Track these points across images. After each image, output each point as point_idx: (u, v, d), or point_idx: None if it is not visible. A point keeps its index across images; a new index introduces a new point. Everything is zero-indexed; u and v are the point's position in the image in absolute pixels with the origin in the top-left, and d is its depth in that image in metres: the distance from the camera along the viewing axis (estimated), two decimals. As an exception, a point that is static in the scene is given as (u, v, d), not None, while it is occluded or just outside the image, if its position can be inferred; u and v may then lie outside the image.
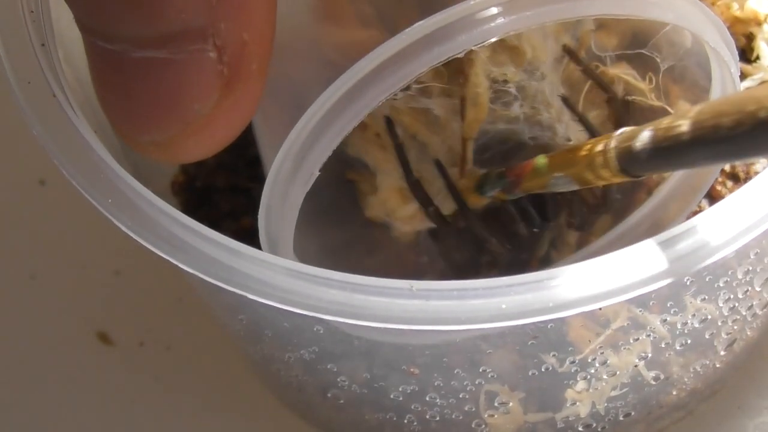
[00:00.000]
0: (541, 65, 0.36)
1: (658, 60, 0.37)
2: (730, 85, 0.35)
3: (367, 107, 0.31)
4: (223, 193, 0.48)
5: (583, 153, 0.32)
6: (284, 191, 0.32)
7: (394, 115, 0.37)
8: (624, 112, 0.38)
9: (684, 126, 0.26)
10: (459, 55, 0.30)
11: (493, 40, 0.30)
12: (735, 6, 0.44)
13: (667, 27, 0.36)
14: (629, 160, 0.30)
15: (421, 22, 0.30)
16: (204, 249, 0.30)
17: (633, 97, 0.38)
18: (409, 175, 0.38)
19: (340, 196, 0.40)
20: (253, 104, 0.28)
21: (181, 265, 0.30)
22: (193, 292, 0.44)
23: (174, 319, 0.49)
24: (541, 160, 0.35)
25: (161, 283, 0.49)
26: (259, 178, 0.34)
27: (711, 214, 0.29)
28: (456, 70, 0.34)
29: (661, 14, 0.32)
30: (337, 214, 0.40)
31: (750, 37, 0.45)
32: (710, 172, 0.38)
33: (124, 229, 0.30)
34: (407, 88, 0.35)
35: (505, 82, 0.36)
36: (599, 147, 0.31)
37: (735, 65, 0.34)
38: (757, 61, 0.45)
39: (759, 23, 0.44)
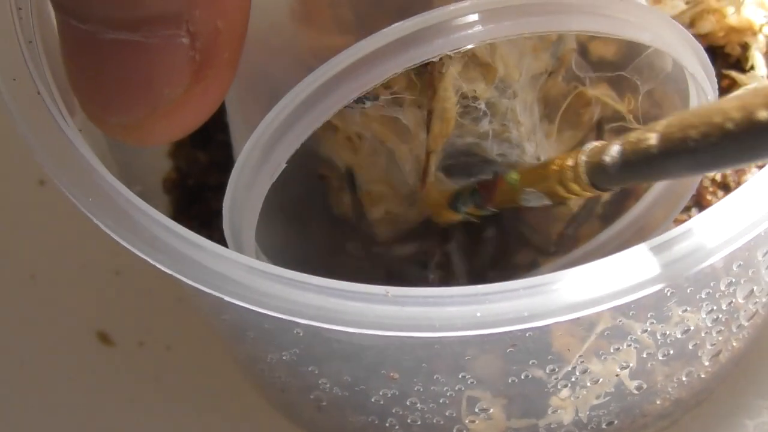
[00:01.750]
0: (513, 83, 0.36)
1: (638, 83, 0.37)
2: None
3: (338, 103, 0.31)
4: (215, 191, 0.47)
5: (554, 168, 0.32)
6: (251, 180, 0.32)
7: (365, 122, 0.37)
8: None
9: (652, 139, 0.26)
10: (434, 59, 0.30)
11: (470, 46, 0.30)
12: (731, 10, 0.43)
13: (650, 49, 0.36)
14: (599, 173, 0.30)
15: (398, 24, 0.30)
16: (182, 250, 0.30)
17: (617, 124, 0.38)
18: None
19: (309, 191, 0.40)
20: (222, 91, 0.28)
21: (159, 266, 0.30)
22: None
23: (174, 319, 0.49)
24: (512, 175, 0.35)
25: (161, 283, 0.49)
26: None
27: (694, 223, 0.29)
28: (427, 83, 0.34)
29: (639, 34, 0.32)
30: (305, 209, 0.40)
31: (745, 47, 0.45)
32: (693, 179, 0.38)
33: (103, 228, 0.30)
34: (378, 97, 0.35)
35: (475, 98, 0.35)
36: (569, 162, 0.31)
37: (712, 91, 0.34)
38: (752, 70, 0.45)
39: (754, 33, 0.44)
